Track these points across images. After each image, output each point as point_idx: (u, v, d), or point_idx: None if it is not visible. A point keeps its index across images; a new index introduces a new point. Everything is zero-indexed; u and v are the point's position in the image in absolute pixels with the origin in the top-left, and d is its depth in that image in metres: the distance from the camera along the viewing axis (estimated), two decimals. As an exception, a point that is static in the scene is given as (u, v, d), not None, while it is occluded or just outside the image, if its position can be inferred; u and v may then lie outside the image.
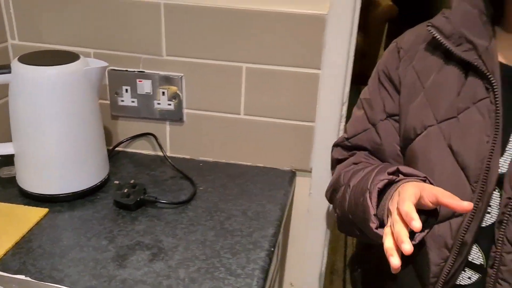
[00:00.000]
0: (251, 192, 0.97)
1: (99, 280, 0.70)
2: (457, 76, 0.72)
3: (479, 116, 0.68)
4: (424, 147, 0.74)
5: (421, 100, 0.75)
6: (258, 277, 0.73)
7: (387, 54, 0.82)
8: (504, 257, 0.68)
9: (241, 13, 0.94)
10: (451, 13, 0.71)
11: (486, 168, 0.67)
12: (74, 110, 0.86)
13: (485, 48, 0.69)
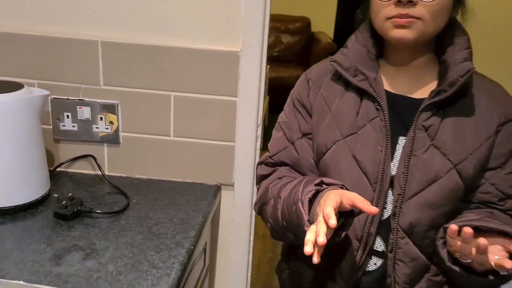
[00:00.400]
0: (179, 203, 1.11)
1: (37, 275, 0.82)
2: (354, 100, 0.90)
3: (373, 131, 0.87)
4: (334, 158, 0.89)
5: (329, 120, 0.92)
6: (177, 269, 0.87)
7: (299, 84, 0.98)
8: (399, 242, 0.86)
9: (169, 49, 1.11)
10: (348, 52, 0.90)
11: (381, 172, 0.85)
12: (17, 133, 0.98)
13: (373, 78, 0.88)
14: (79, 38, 1.11)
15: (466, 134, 0.84)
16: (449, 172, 0.84)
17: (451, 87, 0.82)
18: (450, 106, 0.85)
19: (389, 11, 0.80)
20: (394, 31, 0.81)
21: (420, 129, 0.84)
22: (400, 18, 0.80)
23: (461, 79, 0.81)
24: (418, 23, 0.80)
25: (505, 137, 0.85)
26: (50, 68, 1.14)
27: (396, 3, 0.79)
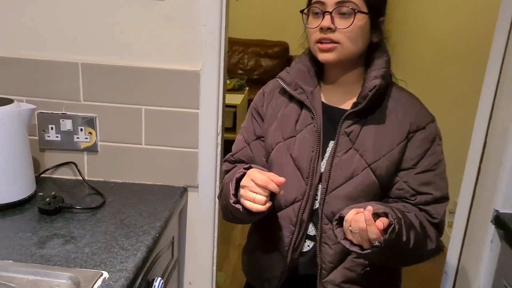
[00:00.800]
0: (149, 201, 1.28)
1: (23, 256, 0.98)
2: (296, 110, 1.09)
3: (308, 135, 1.05)
4: (277, 157, 1.08)
5: (275, 126, 1.10)
6: (143, 251, 1.04)
7: (257, 96, 1.18)
8: (324, 227, 1.04)
9: (140, 69, 1.30)
10: (290, 70, 1.10)
11: (312, 169, 1.03)
12: (7, 141, 1.15)
13: (310, 92, 1.07)
14: (62, 61, 1.30)
15: (383, 139, 1.02)
16: (365, 170, 1.01)
17: (364, 99, 1.00)
18: (371, 115, 1.03)
19: (316, 35, 1.00)
20: (320, 55, 1.01)
21: (343, 134, 1.03)
22: (323, 44, 0.99)
23: (370, 93, 0.99)
24: (338, 47, 0.98)
25: (416, 143, 1.03)
26: (37, 87, 1.32)
27: (320, 30, 0.98)
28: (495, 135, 1.37)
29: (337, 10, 0.97)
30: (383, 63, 1.03)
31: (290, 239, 1.06)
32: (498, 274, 1.34)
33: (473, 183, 1.46)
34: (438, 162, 1.04)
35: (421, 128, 1.03)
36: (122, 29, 1.28)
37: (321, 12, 0.98)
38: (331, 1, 0.97)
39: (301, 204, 1.04)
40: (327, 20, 0.97)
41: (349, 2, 0.96)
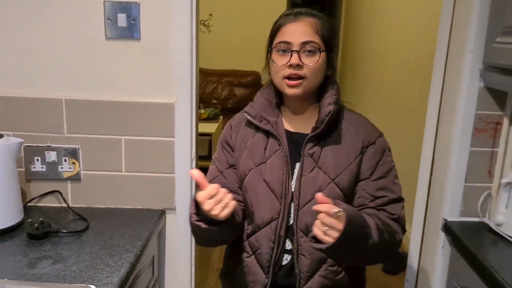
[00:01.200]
0: (130, 224, 1.38)
1: (17, 275, 1.08)
2: (263, 139, 1.22)
3: (277, 160, 1.18)
4: (251, 182, 1.19)
5: (246, 155, 1.23)
6: (126, 266, 1.14)
7: (225, 129, 1.29)
8: (299, 240, 1.16)
9: (120, 103, 1.43)
10: (254, 104, 1.23)
11: (284, 189, 1.16)
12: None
13: (274, 122, 1.21)
14: (47, 97, 1.42)
15: (341, 156, 1.17)
16: (330, 185, 1.15)
17: (322, 124, 1.15)
18: (328, 137, 1.18)
19: (285, 72, 1.13)
20: (288, 90, 1.14)
21: (307, 156, 1.16)
22: (291, 81, 1.12)
23: (326, 118, 1.14)
24: (304, 81, 1.13)
25: (369, 156, 1.19)
26: (23, 122, 1.43)
27: (289, 66, 1.12)
28: (440, 153, 1.55)
29: (303, 49, 1.11)
30: (334, 91, 1.19)
31: (270, 255, 1.18)
32: (450, 277, 1.49)
33: (426, 195, 1.63)
34: (389, 170, 1.20)
35: (372, 142, 1.19)
36: (103, 67, 1.41)
37: (288, 51, 1.12)
38: (297, 41, 1.11)
39: (277, 222, 1.16)
40: (296, 58, 1.11)
41: (313, 42, 1.12)
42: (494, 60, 1.30)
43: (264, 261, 1.19)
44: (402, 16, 3.47)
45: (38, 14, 1.38)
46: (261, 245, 1.19)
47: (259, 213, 1.18)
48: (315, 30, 1.13)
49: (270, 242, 1.18)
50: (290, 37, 1.12)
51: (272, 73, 1.18)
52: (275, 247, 1.17)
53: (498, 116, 1.41)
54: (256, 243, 1.20)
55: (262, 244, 1.19)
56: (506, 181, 1.35)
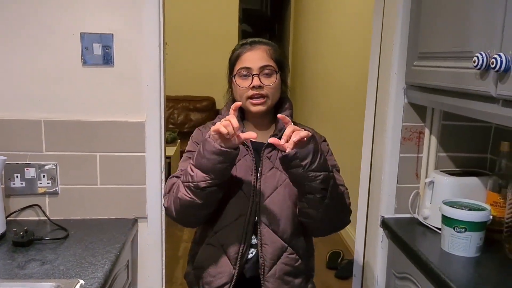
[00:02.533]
0: (106, 231, 1.53)
1: (9, 275, 1.20)
2: None
3: (246, 162, 1.34)
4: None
5: None
6: (108, 264, 1.29)
7: (196, 133, 1.43)
8: (263, 231, 1.33)
9: (94, 123, 1.59)
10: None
11: (253, 188, 1.33)
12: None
13: (241, 131, 1.32)
14: (27, 119, 1.56)
15: None
16: (285, 181, 1.33)
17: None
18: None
19: (249, 93, 1.33)
20: (253, 107, 1.34)
21: (265, 158, 1.36)
22: (254, 99, 1.32)
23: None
24: (266, 100, 1.34)
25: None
26: (4, 141, 1.56)
27: (252, 88, 1.32)
28: (376, 160, 1.81)
29: (262, 72, 1.32)
30: (289, 106, 1.43)
31: (238, 248, 1.33)
32: (389, 266, 1.72)
33: (366, 197, 1.88)
34: (333, 165, 1.39)
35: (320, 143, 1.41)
36: (80, 90, 1.58)
37: (249, 74, 1.32)
38: (256, 66, 1.32)
39: (245, 218, 1.32)
40: (257, 80, 1.31)
41: (269, 65, 1.33)
42: (414, 80, 1.58)
43: (232, 253, 1.33)
44: (342, 44, 3.83)
45: (21, 43, 1.54)
46: (230, 239, 1.33)
47: (229, 209, 1.32)
48: (269, 55, 1.35)
49: (238, 236, 1.32)
50: (249, 63, 1.33)
51: (237, 95, 1.37)
52: (243, 242, 1.32)
53: (420, 126, 1.69)
54: (225, 237, 1.34)
55: (231, 238, 1.33)
56: (429, 180, 1.62)
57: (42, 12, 1.53)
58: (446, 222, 1.43)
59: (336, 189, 1.29)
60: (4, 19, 1.52)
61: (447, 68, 1.33)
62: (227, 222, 1.34)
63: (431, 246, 1.50)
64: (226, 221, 1.34)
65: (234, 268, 1.34)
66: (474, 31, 1.19)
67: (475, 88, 1.18)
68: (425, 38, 1.48)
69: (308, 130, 1.46)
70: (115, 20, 1.56)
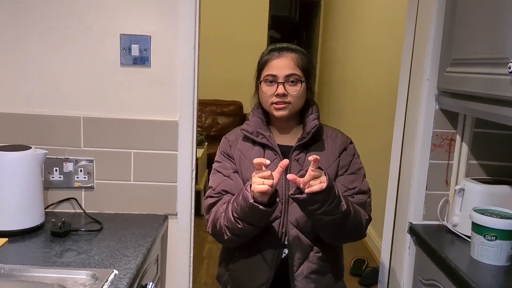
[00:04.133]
0: (138, 225, 1.58)
1: (48, 263, 1.26)
2: (259, 151, 1.42)
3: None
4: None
5: (247, 164, 1.41)
6: (141, 256, 1.34)
7: (223, 143, 1.48)
8: (291, 232, 1.37)
9: (130, 121, 1.64)
10: (250, 122, 1.44)
11: (284, 192, 1.36)
12: (27, 178, 1.45)
13: (269, 136, 1.43)
14: (67, 115, 1.63)
15: (321, 161, 1.29)
16: None
17: (308, 134, 1.39)
18: (310, 147, 1.43)
19: (273, 99, 1.37)
20: (276, 112, 1.38)
21: (294, 161, 1.40)
22: (278, 105, 1.36)
23: (312, 130, 1.39)
24: (289, 105, 1.37)
25: (344, 157, 1.45)
26: (45, 136, 1.63)
27: (276, 95, 1.35)
28: (405, 166, 1.81)
29: (286, 80, 1.35)
30: (315, 109, 1.46)
31: (274, 250, 1.37)
32: (416, 273, 1.72)
33: (394, 203, 1.87)
34: (359, 168, 1.45)
35: (345, 148, 1.46)
36: (117, 89, 1.64)
37: (274, 82, 1.36)
38: (282, 74, 1.35)
39: (280, 220, 1.37)
40: (281, 88, 1.34)
41: (295, 74, 1.36)
42: (446, 86, 1.58)
43: (269, 255, 1.37)
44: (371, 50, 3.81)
45: (63, 43, 1.61)
46: (266, 243, 1.37)
47: None
48: (296, 63, 1.37)
49: (275, 239, 1.37)
50: (276, 71, 1.36)
51: (262, 100, 1.42)
52: (278, 244, 1.36)
53: (452, 133, 1.68)
54: (261, 240, 1.37)
55: (268, 241, 1.37)
56: (459, 187, 1.61)
57: (83, 13, 1.60)
58: (476, 230, 1.42)
59: (345, 220, 1.30)
60: (47, 20, 1.59)
61: (481, 74, 1.33)
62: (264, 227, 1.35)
63: (460, 253, 1.49)
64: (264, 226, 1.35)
65: (272, 270, 1.38)
66: (509, 37, 1.19)
67: (509, 95, 1.18)
68: (459, 44, 1.48)
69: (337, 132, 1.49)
70: (153, 23, 1.62)
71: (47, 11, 1.59)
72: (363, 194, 1.43)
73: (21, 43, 1.60)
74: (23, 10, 1.58)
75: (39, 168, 1.50)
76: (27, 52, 1.61)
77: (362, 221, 1.38)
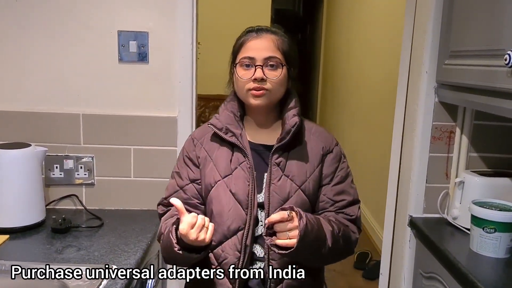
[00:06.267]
0: (138, 221, 1.59)
1: (49, 259, 1.28)
2: (227, 151, 1.22)
3: (242, 171, 1.18)
4: (216, 193, 1.19)
5: (211, 166, 1.22)
6: (140, 252, 1.35)
7: (186, 143, 1.30)
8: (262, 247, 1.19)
9: (130, 117, 1.65)
10: (219, 116, 1.24)
11: (250, 199, 1.17)
12: (28, 175, 1.46)
13: (239, 134, 1.22)
14: (66, 113, 1.64)
15: (305, 164, 1.22)
16: (297, 192, 1.20)
17: (288, 134, 1.19)
18: (292, 147, 1.23)
19: (249, 85, 1.17)
20: (253, 100, 1.18)
21: (274, 165, 1.20)
22: (256, 91, 1.17)
23: (292, 128, 1.19)
24: (267, 93, 1.18)
25: (328, 163, 1.26)
26: (45, 134, 1.64)
27: (253, 80, 1.16)
28: (405, 160, 1.80)
29: (265, 64, 1.17)
30: (295, 103, 1.25)
31: (237, 262, 1.18)
32: (416, 266, 1.72)
33: (395, 196, 1.87)
34: (346, 175, 1.28)
35: (330, 151, 1.27)
36: (116, 86, 1.65)
37: (252, 65, 1.17)
38: (260, 57, 1.17)
39: (243, 232, 1.17)
40: (260, 72, 1.16)
41: (275, 57, 1.18)
42: (445, 79, 1.57)
43: (231, 270, 1.18)
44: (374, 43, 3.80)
45: (62, 40, 1.62)
46: (227, 255, 1.19)
47: (226, 224, 1.18)
48: (277, 46, 1.19)
49: (237, 252, 1.18)
50: (253, 53, 1.18)
51: (237, 87, 1.22)
52: (241, 256, 1.17)
53: (451, 126, 1.67)
54: (222, 254, 1.19)
55: (229, 254, 1.18)
56: (459, 180, 1.60)
57: (81, 10, 1.60)
58: (475, 222, 1.41)
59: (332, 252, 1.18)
60: (45, 17, 1.60)
61: (479, 66, 1.32)
62: (225, 236, 1.20)
63: (460, 246, 1.49)
64: (224, 235, 1.20)
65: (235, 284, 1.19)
66: (506, 29, 1.18)
67: (506, 87, 1.17)
68: (457, 36, 1.47)
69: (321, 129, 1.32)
70: (151, 19, 1.62)
71: (45, 9, 1.59)
72: (353, 206, 1.28)
73: (19, 41, 1.61)
74: (21, 8, 1.59)
75: (40, 166, 1.51)
76: (25, 50, 1.62)
77: (351, 242, 1.26)
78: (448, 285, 1.42)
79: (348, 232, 1.24)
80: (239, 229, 1.18)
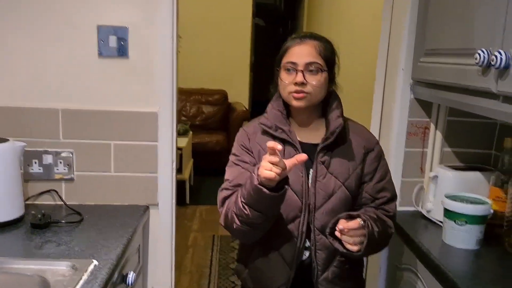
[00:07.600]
0: (119, 216, 1.59)
1: (29, 254, 1.28)
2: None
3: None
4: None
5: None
6: (120, 247, 1.36)
7: (240, 135, 1.39)
8: (317, 237, 1.30)
9: (110, 112, 1.65)
10: (268, 115, 1.34)
11: (304, 190, 1.28)
12: (6, 172, 1.45)
13: (288, 131, 1.31)
14: (45, 107, 1.63)
15: (348, 162, 1.32)
16: (340, 188, 1.30)
17: (332, 135, 1.29)
18: (336, 146, 1.32)
19: (291, 88, 1.28)
20: (294, 102, 1.29)
21: (319, 163, 1.30)
22: (297, 94, 1.27)
23: (337, 129, 1.29)
24: (308, 96, 1.27)
25: (370, 161, 1.35)
26: (24, 129, 1.63)
27: (295, 84, 1.26)
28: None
29: (306, 69, 1.26)
30: (338, 104, 1.36)
31: (294, 250, 1.31)
32: (392, 258, 1.77)
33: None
34: (386, 172, 1.39)
35: (371, 149, 1.37)
36: (95, 81, 1.64)
37: (293, 69, 1.27)
38: (302, 62, 1.26)
39: (300, 220, 1.29)
40: (300, 77, 1.25)
41: (316, 63, 1.27)
42: (420, 76, 1.61)
43: (289, 256, 1.31)
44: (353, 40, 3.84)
45: (40, 35, 1.60)
46: (286, 242, 1.31)
47: (284, 212, 1.28)
48: (318, 51, 1.28)
49: (294, 238, 1.30)
50: (296, 58, 1.28)
51: (280, 89, 1.33)
52: (298, 243, 1.30)
53: (426, 122, 1.72)
54: (280, 240, 1.31)
55: (287, 240, 1.30)
56: (433, 174, 1.66)
57: (60, 5, 1.59)
58: (447, 215, 1.46)
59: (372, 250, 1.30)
60: (23, 12, 1.58)
61: (452, 64, 1.36)
62: (283, 224, 1.31)
63: (433, 238, 1.54)
64: (282, 223, 1.30)
65: (292, 270, 1.33)
66: (477, 29, 1.23)
67: (477, 85, 1.22)
68: (432, 35, 1.51)
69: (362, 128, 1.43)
70: (131, 13, 1.61)
71: (24, 5, 1.58)
72: (391, 203, 1.38)
73: (-3, 35, 1.59)
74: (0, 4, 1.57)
75: (18, 161, 1.50)
76: (3, 45, 1.60)
77: (389, 237, 1.36)
78: (422, 277, 1.48)
79: (386, 228, 1.34)
80: (296, 217, 1.29)
